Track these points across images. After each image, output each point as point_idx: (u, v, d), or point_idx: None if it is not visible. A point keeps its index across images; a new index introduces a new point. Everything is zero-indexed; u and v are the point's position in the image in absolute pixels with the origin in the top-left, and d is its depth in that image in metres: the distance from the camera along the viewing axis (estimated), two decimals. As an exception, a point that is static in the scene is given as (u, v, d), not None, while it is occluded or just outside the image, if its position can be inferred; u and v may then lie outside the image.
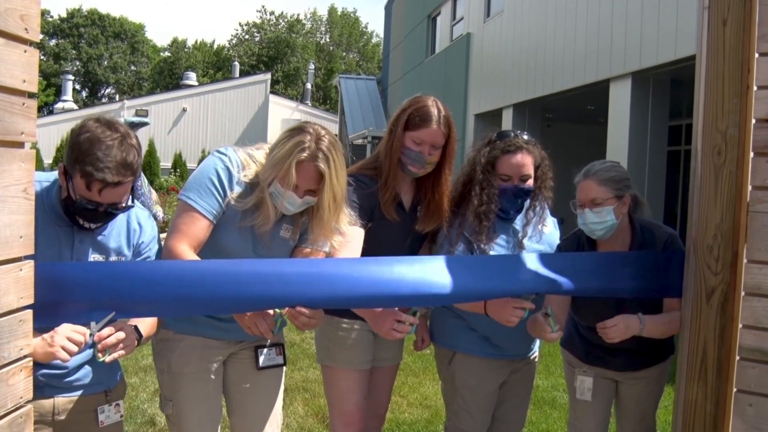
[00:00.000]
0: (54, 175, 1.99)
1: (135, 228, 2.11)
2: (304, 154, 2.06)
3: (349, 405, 2.59)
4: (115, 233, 2.06)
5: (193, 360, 2.26)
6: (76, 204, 1.89)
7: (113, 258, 2.06)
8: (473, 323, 2.56)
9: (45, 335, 1.74)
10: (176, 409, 2.27)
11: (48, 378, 1.97)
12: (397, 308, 2.15)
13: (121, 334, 1.87)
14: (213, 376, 2.30)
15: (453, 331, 2.63)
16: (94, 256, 2.02)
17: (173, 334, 2.27)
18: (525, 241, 2.58)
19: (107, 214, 1.93)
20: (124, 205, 1.95)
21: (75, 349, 1.77)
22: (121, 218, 2.07)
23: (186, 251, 2.08)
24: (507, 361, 2.63)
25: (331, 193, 2.11)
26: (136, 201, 2.03)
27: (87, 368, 2.07)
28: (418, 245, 2.64)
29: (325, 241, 2.26)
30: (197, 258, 2.10)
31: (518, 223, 2.61)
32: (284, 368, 2.44)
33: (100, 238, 2.03)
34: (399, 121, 2.47)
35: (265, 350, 2.35)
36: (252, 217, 2.17)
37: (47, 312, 1.72)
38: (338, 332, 2.57)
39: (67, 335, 1.76)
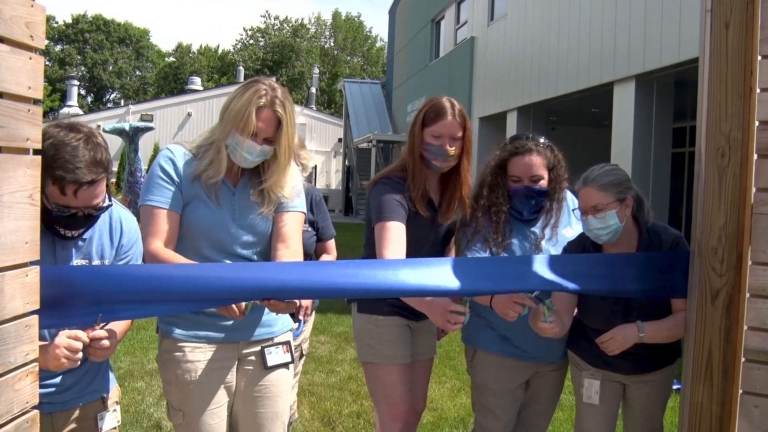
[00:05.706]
0: None
1: (116, 228, 2.09)
2: (263, 101, 2.17)
3: (395, 398, 2.66)
4: (96, 236, 2.03)
5: (200, 369, 2.24)
6: (53, 214, 1.84)
7: (96, 262, 2.02)
8: (492, 322, 2.60)
9: (43, 344, 1.72)
10: (187, 419, 2.24)
11: (43, 396, 1.90)
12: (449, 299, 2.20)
13: (107, 342, 1.85)
14: (222, 383, 2.28)
15: (474, 329, 2.68)
16: (77, 262, 1.99)
17: (177, 344, 2.25)
18: (542, 243, 2.60)
19: (87, 217, 1.90)
20: (102, 205, 1.91)
21: (78, 355, 1.77)
22: (102, 219, 2.02)
23: (160, 249, 2.13)
24: (528, 363, 2.64)
25: (286, 139, 2.22)
26: (113, 199, 2.01)
27: (82, 381, 2.05)
28: (447, 241, 2.76)
29: (287, 197, 2.31)
30: (171, 252, 2.14)
31: (537, 225, 2.64)
32: (292, 366, 2.45)
33: (81, 242, 1.99)
34: (417, 121, 2.60)
35: (273, 349, 2.36)
36: (206, 171, 2.21)
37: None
38: (377, 329, 2.65)
39: (65, 344, 1.75)
